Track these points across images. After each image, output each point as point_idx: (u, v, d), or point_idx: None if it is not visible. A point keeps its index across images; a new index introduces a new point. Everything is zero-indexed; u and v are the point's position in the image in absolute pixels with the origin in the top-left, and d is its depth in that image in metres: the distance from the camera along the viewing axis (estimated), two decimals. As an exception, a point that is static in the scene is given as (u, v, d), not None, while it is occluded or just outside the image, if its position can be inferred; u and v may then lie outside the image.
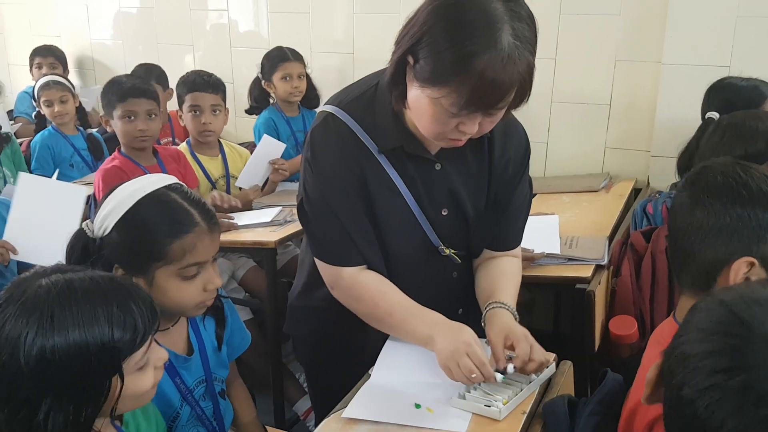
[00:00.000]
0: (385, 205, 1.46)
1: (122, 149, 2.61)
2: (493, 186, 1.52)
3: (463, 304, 1.63)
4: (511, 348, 1.40)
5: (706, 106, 2.49)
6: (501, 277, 1.56)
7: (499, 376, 1.36)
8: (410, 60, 1.26)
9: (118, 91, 2.57)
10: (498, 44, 1.18)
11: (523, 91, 1.24)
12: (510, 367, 1.37)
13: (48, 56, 4.37)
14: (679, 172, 2.36)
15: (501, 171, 1.51)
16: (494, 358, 1.39)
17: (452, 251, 1.53)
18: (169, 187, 1.36)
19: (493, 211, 1.54)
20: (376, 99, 1.42)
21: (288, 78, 3.38)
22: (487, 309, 1.49)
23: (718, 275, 1.16)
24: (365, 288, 1.48)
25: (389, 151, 1.44)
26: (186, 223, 1.33)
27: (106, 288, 1.05)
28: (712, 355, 0.76)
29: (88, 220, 1.36)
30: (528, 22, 1.23)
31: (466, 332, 1.39)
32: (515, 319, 1.48)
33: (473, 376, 1.32)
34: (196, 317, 1.48)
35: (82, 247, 1.32)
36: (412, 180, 1.46)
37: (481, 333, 1.52)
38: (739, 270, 1.13)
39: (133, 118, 2.54)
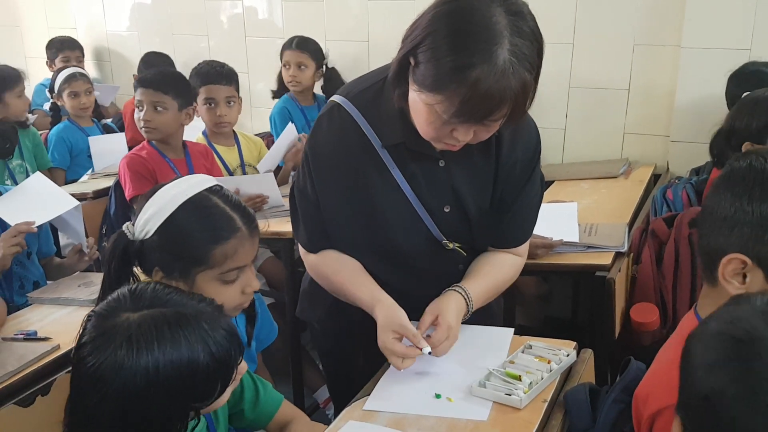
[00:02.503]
0: (386, 200, 1.46)
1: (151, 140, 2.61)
2: (499, 185, 1.50)
3: None
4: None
5: (736, 89, 2.45)
6: (483, 267, 1.56)
7: (426, 350, 1.38)
8: (411, 61, 1.26)
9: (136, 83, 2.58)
10: (493, 59, 1.17)
11: (518, 107, 1.23)
12: (426, 350, 1.38)
13: (75, 50, 4.38)
14: (712, 155, 2.33)
15: (508, 170, 1.49)
16: (419, 328, 1.43)
17: (457, 245, 1.52)
18: (209, 190, 1.35)
19: (499, 209, 1.52)
20: (383, 93, 1.41)
21: (287, 66, 3.39)
22: (448, 289, 1.50)
23: (717, 265, 1.13)
24: (326, 263, 1.55)
25: (392, 147, 1.43)
26: (228, 229, 1.32)
27: (194, 329, 1.05)
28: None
29: (128, 223, 1.36)
30: (530, 38, 1.21)
31: (402, 313, 1.42)
32: (467, 307, 1.48)
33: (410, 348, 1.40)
34: None
35: (122, 249, 1.32)
36: (413, 176, 1.45)
37: (484, 321, 1.55)
38: (728, 265, 1.10)
39: (140, 108, 2.54)
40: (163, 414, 1.03)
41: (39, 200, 2.22)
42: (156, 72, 2.78)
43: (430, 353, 1.39)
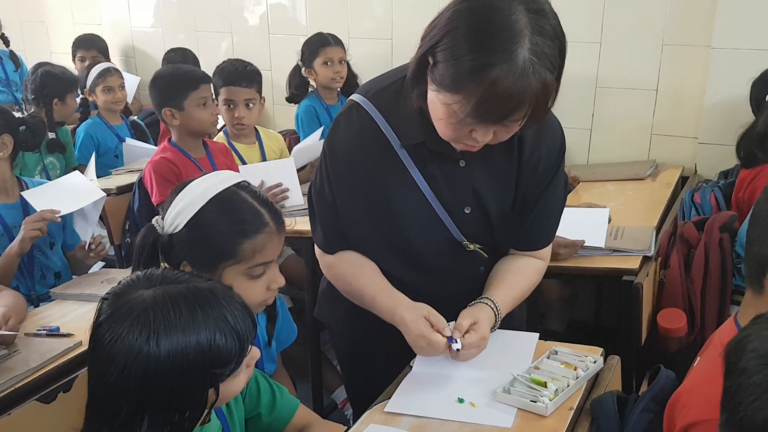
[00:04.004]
0: (405, 201, 1.44)
1: (173, 139, 2.59)
2: (521, 185, 1.47)
3: None
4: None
5: (761, 92, 2.41)
6: (506, 274, 1.53)
7: (456, 345, 1.38)
8: (430, 60, 1.24)
9: (191, 78, 2.54)
10: (513, 58, 1.14)
11: (539, 107, 1.20)
12: (456, 344, 1.37)
13: (91, 49, 4.37)
14: (739, 156, 2.29)
15: (531, 170, 1.46)
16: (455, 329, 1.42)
17: (478, 246, 1.50)
18: (238, 186, 1.37)
19: (521, 211, 1.49)
20: (402, 92, 1.39)
21: (329, 63, 3.35)
22: (475, 302, 1.48)
23: (766, 273, 1.10)
24: (343, 265, 1.54)
25: (411, 147, 1.41)
26: (257, 224, 1.34)
27: (208, 300, 1.05)
28: None
29: (157, 217, 1.37)
30: (552, 37, 1.18)
31: (426, 306, 1.42)
32: (495, 317, 1.47)
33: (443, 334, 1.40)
34: None
35: (152, 243, 1.33)
36: (433, 177, 1.43)
37: (506, 326, 1.53)
38: None
39: (206, 104, 2.52)
40: (184, 388, 1.02)
41: (69, 192, 2.28)
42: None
43: (458, 350, 1.37)
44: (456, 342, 1.38)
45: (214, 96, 2.86)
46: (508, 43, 1.14)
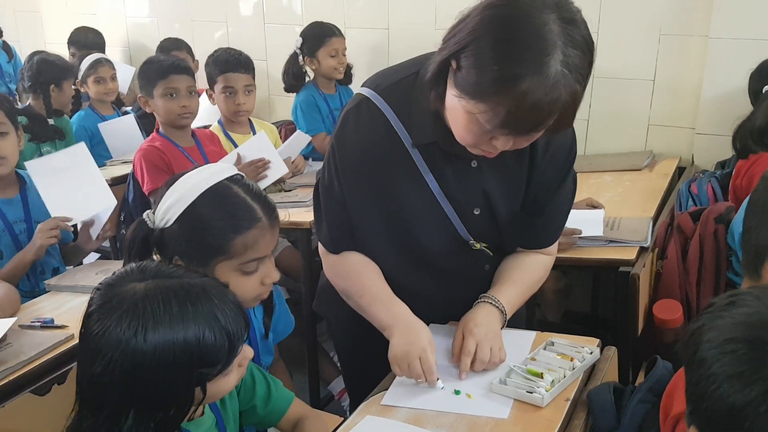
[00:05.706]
0: (414, 200, 1.42)
1: (161, 129, 2.59)
2: (532, 188, 1.45)
3: None
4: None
5: (758, 85, 2.40)
6: (512, 271, 1.52)
7: (439, 384, 1.35)
8: (453, 64, 1.20)
9: (158, 69, 2.54)
10: (544, 70, 1.10)
11: (565, 118, 1.18)
12: (439, 383, 1.35)
13: (82, 49, 4.26)
14: (735, 147, 2.29)
15: (542, 171, 1.44)
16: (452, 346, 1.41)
17: (484, 245, 1.48)
18: (230, 179, 1.34)
19: (531, 212, 1.48)
20: (415, 89, 1.36)
21: (335, 54, 3.33)
22: (477, 301, 1.47)
23: (764, 262, 1.09)
24: (346, 265, 1.51)
25: (423, 146, 1.39)
26: (248, 219, 1.31)
27: (200, 298, 1.04)
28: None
29: (149, 211, 1.35)
30: (582, 48, 1.14)
31: (423, 335, 1.38)
32: (502, 315, 1.45)
33: (419, 380, 1.36)
34: None
35: (142, 238, 1.31)
36: (444, 177, 1.41)
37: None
38: None
39: (174, 95, 2.51)
40: (169, 385, 1.01)
41: (82, 191, 2.23)
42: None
43: (443, 389, 1.35)
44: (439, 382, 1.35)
45: (208, 86, 2.86)
46: (540, 54, 1.11)
